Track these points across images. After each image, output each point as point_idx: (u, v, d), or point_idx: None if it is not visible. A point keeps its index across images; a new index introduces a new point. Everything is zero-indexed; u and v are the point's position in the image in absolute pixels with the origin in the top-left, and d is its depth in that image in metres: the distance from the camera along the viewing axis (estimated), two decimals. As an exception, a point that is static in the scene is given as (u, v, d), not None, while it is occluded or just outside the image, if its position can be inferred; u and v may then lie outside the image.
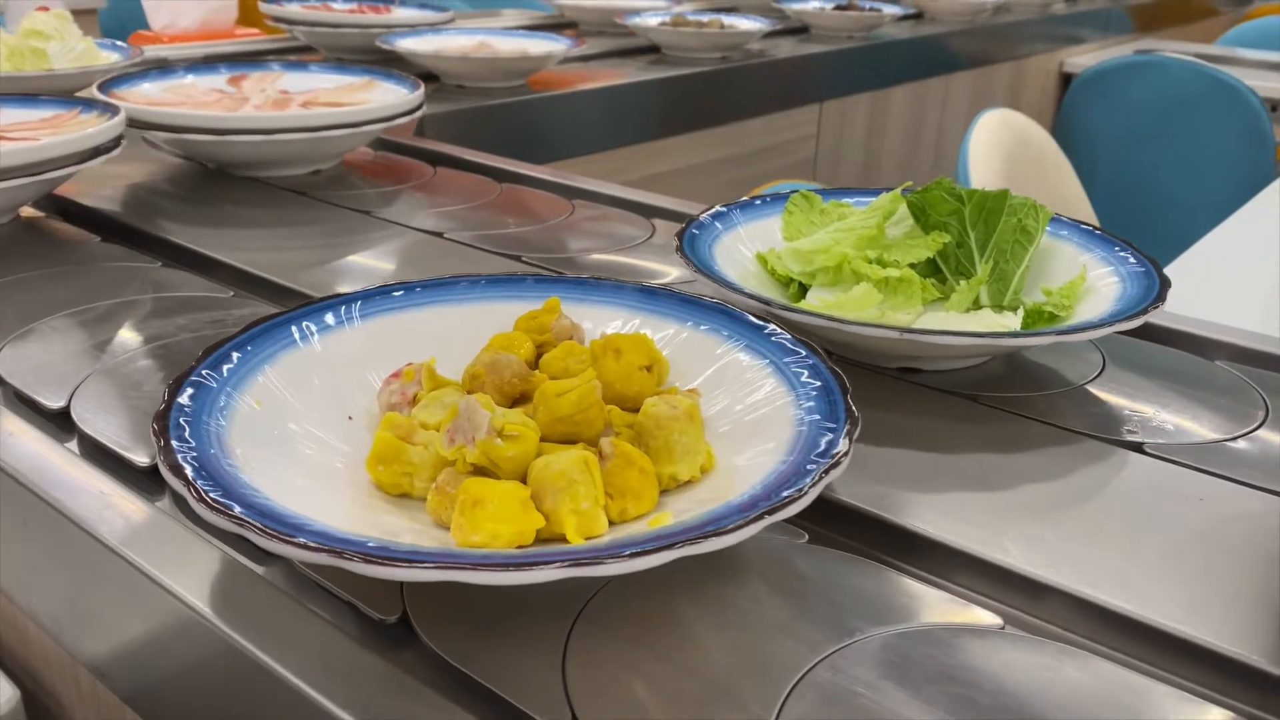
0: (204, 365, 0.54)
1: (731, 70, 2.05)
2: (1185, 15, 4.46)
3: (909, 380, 0.72)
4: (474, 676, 0.45)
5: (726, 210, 0.84)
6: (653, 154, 1.93)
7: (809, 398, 0.56)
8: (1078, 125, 3.05)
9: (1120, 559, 0.54)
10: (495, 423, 0.50)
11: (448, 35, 1.78)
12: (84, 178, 1.10)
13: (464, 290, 0.66)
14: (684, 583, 0.51)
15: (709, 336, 0.63)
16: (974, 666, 0.47)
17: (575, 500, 0.49)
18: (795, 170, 2.36)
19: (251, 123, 1.06)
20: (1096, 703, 0.45)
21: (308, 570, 0.52)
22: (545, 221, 1.07)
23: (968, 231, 0.78)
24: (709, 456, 0.54)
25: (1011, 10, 3.11)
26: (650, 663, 0.46)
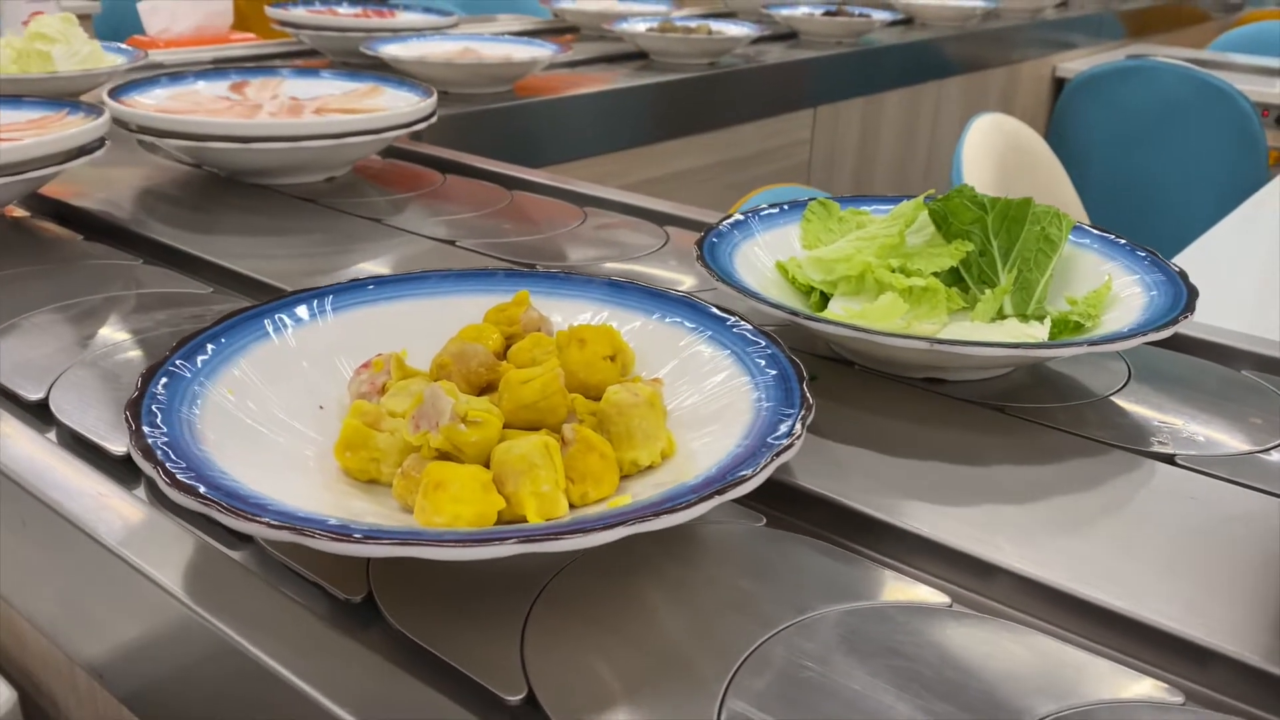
0: (177, 356, 0.56)
1: (725, 75, 2.06)
2: (1176, 21, 4.48)
3: (934, 391, 0.71)
4: (435, 653, 0.47)
5: (744, 218, 0.83)
6: (647, 159, 1.94)
7: (767, 385, 0.57)
8: (1071, 130, 3.06)
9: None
10: (459, 409, 0.51)
11: (433, 41, 1.78)
12: (90, 184, 1.11)
13: (435, 284, 0.67)
14: (644, 564, 0.53)
15: (674, 328, 0.64)
16: (921, 642, 0.48)
17: (536, 483, 0.50)
18: (789, 175, 2.37)
19: (275, 130, 1.06)
20: (1040, 677, 0.46)
21: (278, 554, 0.53)
22: (557, 229, 1.06)
23: (990, 240, 0.77)
24: (670, 442, 0.56)
25: (1001, 16, 3.12)
26: (606, 639, 0.48)
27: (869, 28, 2.40)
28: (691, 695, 0.45)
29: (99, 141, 0.95)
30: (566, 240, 1.03)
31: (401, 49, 1.69)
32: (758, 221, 0.83)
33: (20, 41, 1.43)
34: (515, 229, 1.05)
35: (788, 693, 0.45)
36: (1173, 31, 4.40)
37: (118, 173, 1.18)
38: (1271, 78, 3.38)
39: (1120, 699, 0.45)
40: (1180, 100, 2.84)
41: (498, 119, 1.65)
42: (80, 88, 1.45)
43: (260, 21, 4.11)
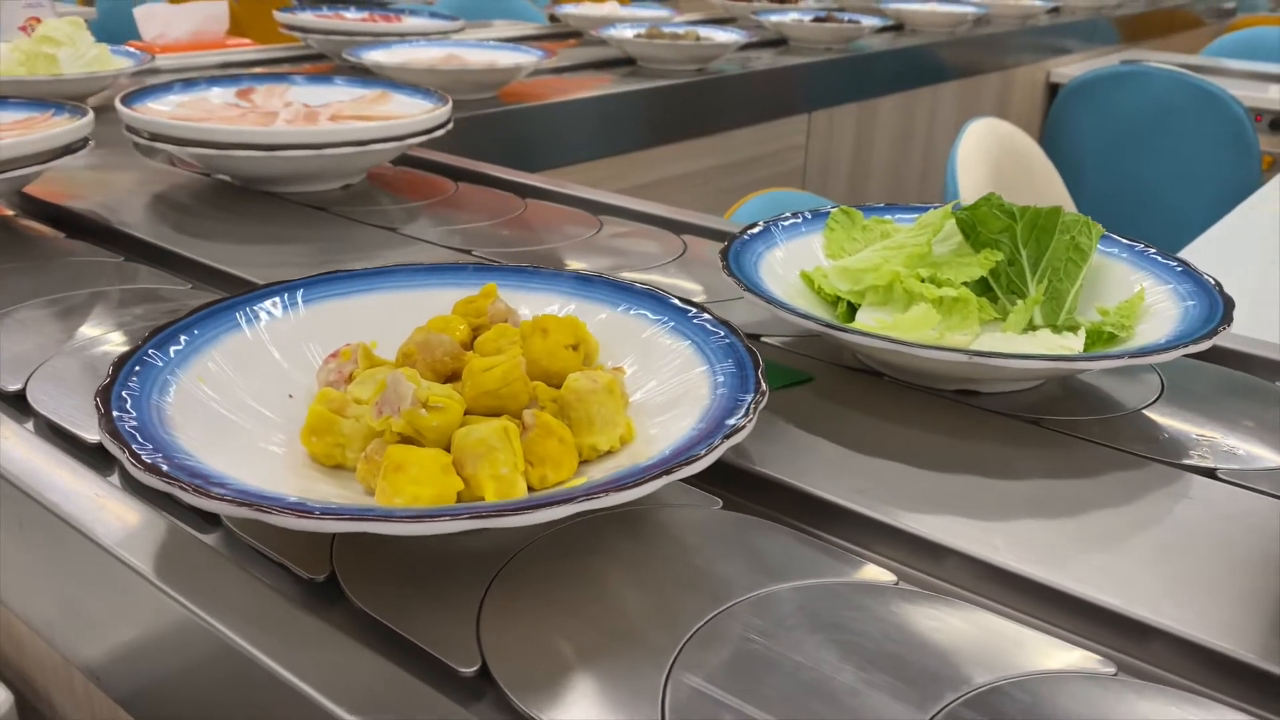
0: (150, 345, 0.57)
1: (720, 80, 2.07)
2: (1170, 26, 4.50)
3: (967, 403, 0.70)
4: (395, 629, 0.48)
5: (766, 227, 0.82)
6: (642, 164, 1.95)
7: (724, 374, 0.59)
8: (1065, 134, 3.07)
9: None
10: (420, 395, 0.53)
11: (419, 47, 1.79)
12: (99, 191, 1.11)
13: (407, 277, 0.69)
14: (602, 545, 0.54)
15: (638, 319, 0.66)
16: (867, 617, 0.49)
17: (494, 466, 0.52)
18: (784, 180, 2.39)
19: (299, 137, 1.05)
20: (980, 649, 0.48)
21: (246, 536, 0.55)
22: (573, 238, 1.05)
23: (1019, 249, 0.76)
24: (628, 428, 0.58)
25: (993, 22, 3.14)
26: (560, 616, 0.49)
27: (859, 34, 2.41)
28: (640, 667, 0.46)
29: (82, 141, 0.96)
30: (582, 249, 1.02)
31: (385, 55, 1.69)
32: (780, 231, 0.82)
33: (28, 44, 1.46)
34: (530, 238, 1.05)
35: (733, 664, 0.46)
36: (1166, 37, 4.42)
37: (123, 180, 1.19)
38: (1264, 83, 3.39)
39: (1052, 669, 0.47)
40: (1174, 105, 2.85)
41: (483, 125, 1.65)
42: (84, 90, 1.47)
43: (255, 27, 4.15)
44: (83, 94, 1.49)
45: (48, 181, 1.13)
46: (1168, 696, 0.46)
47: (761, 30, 2.48)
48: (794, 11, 2.63)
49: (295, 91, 1.26)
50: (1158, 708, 0.45)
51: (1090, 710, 0.45)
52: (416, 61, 1.69)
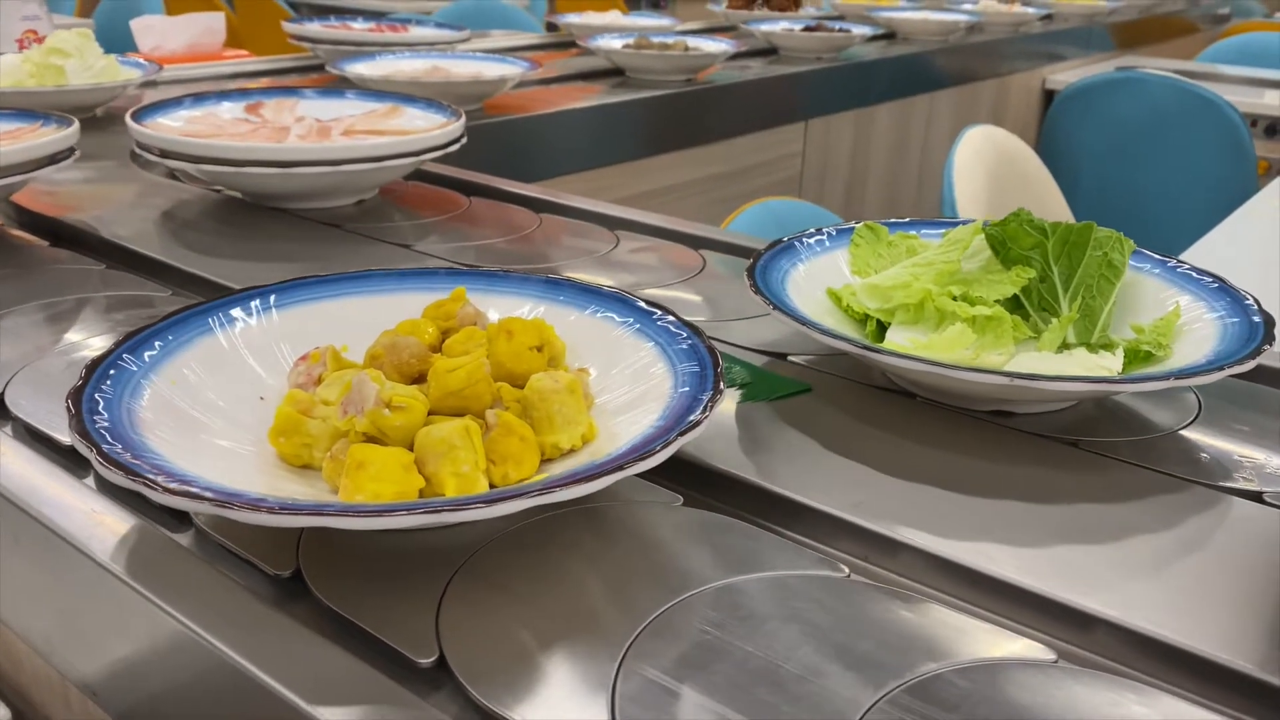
0: (123, 349, 0.59)
1: (716, 90, 2.08)
2: (1165, 33, 4.51)
3: (1002, 424, 0.69)
4: (356, 622, 0.50)
5: (790, 243, 0.81)
6: (638, 173, 1.96)
7: (686, 374, 0.60)
8: (1061, 141, 3.08)
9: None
10: (384, 395, 0.54)
11: (402, 59, 1.79)
12: (108, 209, 1.11)
13: (379, 282, 0.70)
14: (562, 540, 0.56)
15: (605, 321, 0.67)
16: (817, 609, 0.51)
17: (456, 464, 0.53)
18: (781, 188, 2.40)
19: (315, 154, 1.03)
20: (927, 640, 0.49)
21: (217, 536, 0.56)
22: (592, 254, 1.03)
23: (1051, 266, 0.75)
24: (590, 427, 0.59)
25: (985, 30, 3.15)
26: (517, 607, 0.51)
27: (849, 43, 2.42)
28: (594, 657, 0.47)
29: (67, 151, 0.98)
30: (600, 265, 1.01)
31: (367, 67, 1.69)
32: (804, 247, 0.81)
33: (38, 55, 1.48)
34: (546, 254, 1.04)
35: (684, 653, 0.48)
36: (1161, 43, 4.44)
37: (127, 195, 1.18)
38: (1259, 88, 3.40)
39: (995, 657, 0.48)
40: (1169, 111, 2.86)
41: (487, 134, 1.65)
42: (90, 101, 1.49)
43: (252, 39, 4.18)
44: (89, 105, 1.51)
45: (65, 196, 1.15)
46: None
47: (751, 40, 2.49)
48: (784, 21, 2.63)
49: (305, 105, 1.25)
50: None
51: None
52: (400, 74, 1.69)
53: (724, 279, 0.97)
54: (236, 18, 4.30)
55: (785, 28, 2.45)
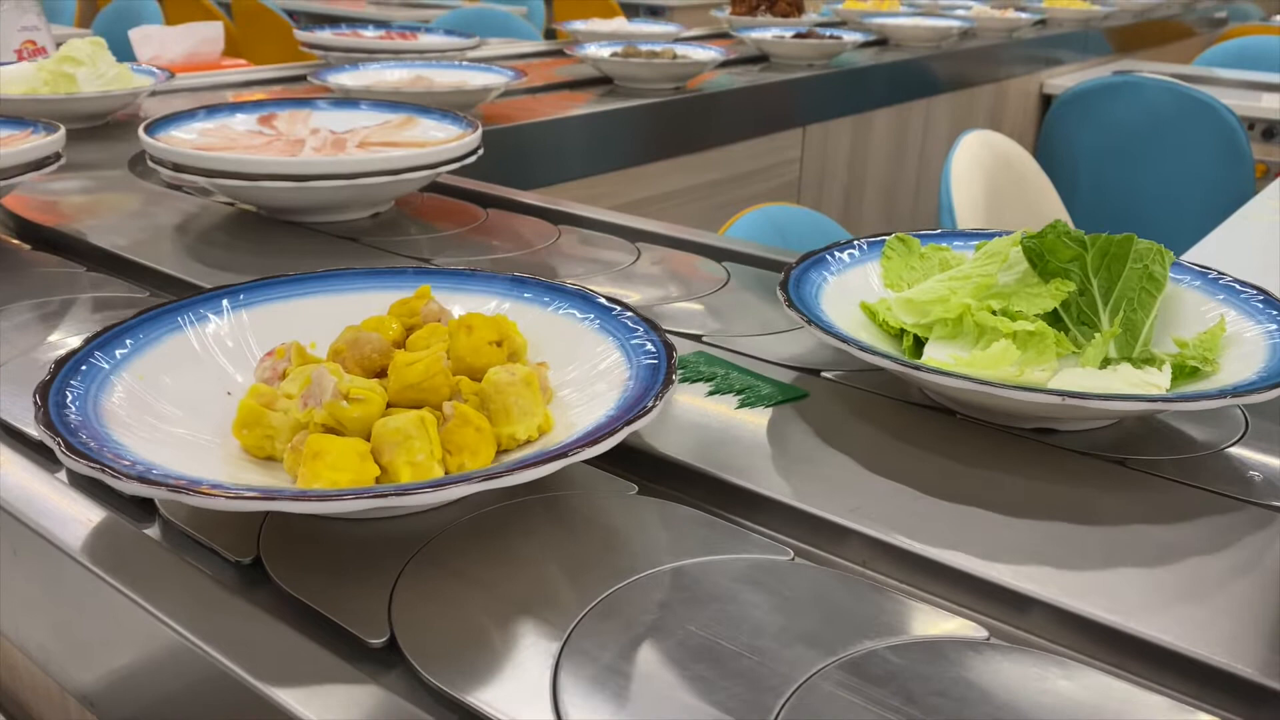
0: (93, 344, 0.61)
1: (713, 96, 2.09)
2: (1162, 37, 4.53)
3: (1045, 442, 0.67)
4: (311, 605, 0.51)
5: (821, 256, 0.80)
6: (636, 179, 1.97)
7: (642, 367, 0.62)
8: (1059, 145, 3.10)
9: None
10: (341, 387, 0.56)
11: (385, 69, 1.78)
12: (129, 226, 1.10)
13: (348, 280, 0.72)
14: (518, 527, 0.57)
15: (566, 318, 0.69)
16: (758, 590, 0.52)
17: (411, 453, 0.55)
18: (779, 194, 2.41)
19: (330, 167, 1.02)
20: (861, 617, 0.51)
21: (185, 527, 0.58)
22: (613, 268, 1.01)
23: (1090, 279, 0.73)
24: (547, 418, 0.61)
25: (979, 36, 3.16)
26: (469, 591, 0.52)
27: (840, 49, 2.43)
28: (541, 636, 0.49)
29: (53, 157, 1.00)
30: (623, 279, 0.99)
31: (350, 78, 1.68)
32: (834, 260, 0.80)
33: (52, 64, 1.51)
34: (567, 268, 1.02)
35: (626, 633, 0.49)
36: (1158, 47, 4.45)
37: (147, 207, 1.18)
38: (1257, 91, 3.41)
39: (929, 635, 0.50)
40: (1167, 115, 2.87)
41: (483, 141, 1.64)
42: (100, 109, 1.52)
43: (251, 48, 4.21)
44: (99, 112, 1.53)
45: (81, 212, 1.15)
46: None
47: (741, 47, 2.50)
48: (775, 28, 2.64)
49: (319, 117, 1.24)
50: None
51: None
52: (382, 84, 1.68)
53: (750, 292, 0.95)
54: (235, 27, 4.34)
55: (776, 34, 2.45)
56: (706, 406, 0.71)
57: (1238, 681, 0.48)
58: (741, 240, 1.09)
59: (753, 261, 1.04)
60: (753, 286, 0.97)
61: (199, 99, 1.78)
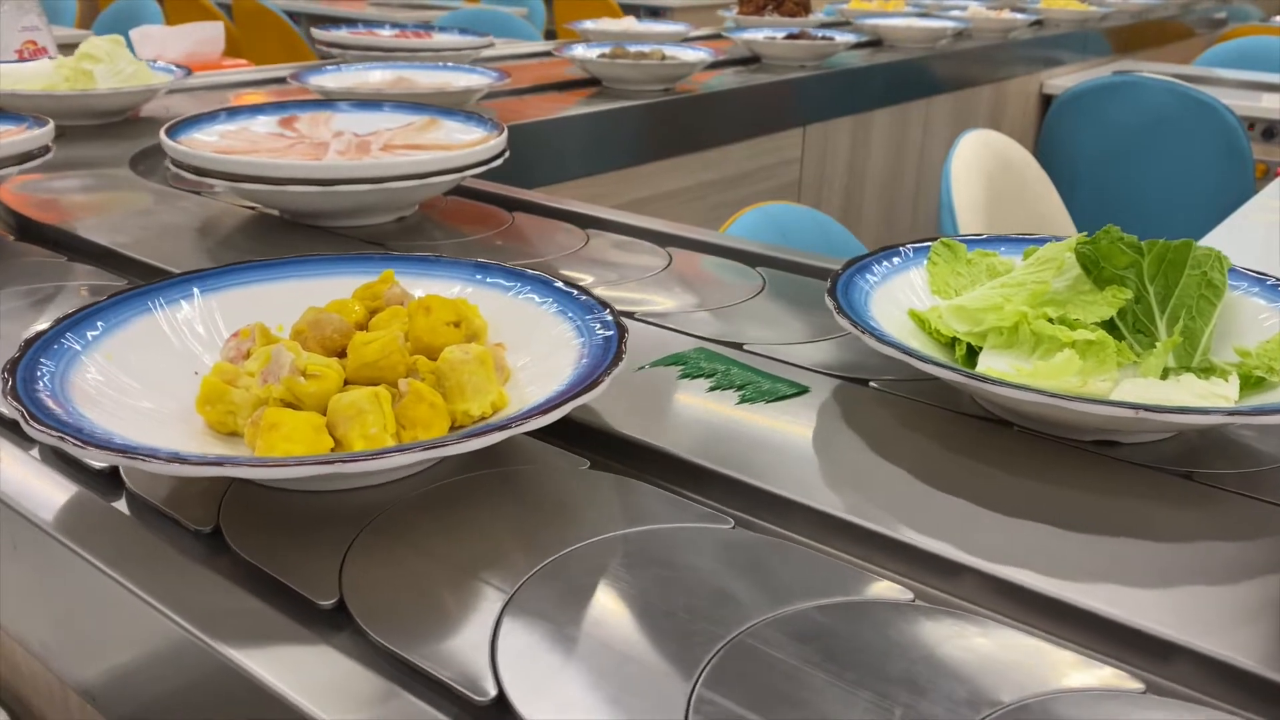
0: (64, 324, 0.63)
1: (712, 96, 2.09)
2: (1162, 37, 4.54)
3: (1108, 455, 0.65)
4: (267, 571, 0.54)
5: (865, 263, 0.78)
6: (635, 179, 1.98)
7: (595, 345, 0.64)
8: (1059, 145, 3.11)
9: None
10: (299, 364, 0.59)
11: (368, 70, 1.76)
12: (149, 233, 1.09)
13: (316, 265, 0.74)
14: (469, 499, 0.59)
15: (527, 302, 0.71)
16: (696, 556, 0.55)
17: (364, 427, 0.57)
18: (780, 193, 2.42)
19: (357, 171, 1.00)
20: (796, 581, 0.53)
21: (152, 500, 0.60)
22: (644, 273, 0.99)
23: (1146, 286, 0.72)
24: (501, 395, 0.63)
25: (974, 36, 3.17)
26: (419, 557, 0.54)
27: (832, 50, 2.44)
28: (485, 599, 0.51)
29: (42, 149, 1.02)
30: (654, 285, 0.96)
31: (330, 79, 1.66)
32: (878, 266, 0.79)
33: (72, 61, 1.54)
34: (598, 274, 0.99)
35: (568, 594, 0.52)
36: (1159, 47, 4.47)
37: (145, 206, 1.18)
38: (1257, 91, 3.42)
39: (854, 599, 0.52)
40: (1167, 115, 2.88)
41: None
42: (115, 105, 1.54)
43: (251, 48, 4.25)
44: (116, 109, 1.55)
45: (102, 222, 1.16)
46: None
47: (735, 48, 2.51)
48: (766, 29, 2.65)
49: (340, 119, 1.22)
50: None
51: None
52: (364, 86, 1.66)
53: (786, 299, 0.94)
54: (235, 27, 4.37)
55: (768, 35, 2.45)
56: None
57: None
58: (778, 247, 1.06)
59: (786, 267, 1.02)
60: (790, 293, 0.95)
61: (209, 98, 1.79)
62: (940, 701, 0.45)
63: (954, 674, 0.47)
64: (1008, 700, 0.46)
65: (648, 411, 0.70)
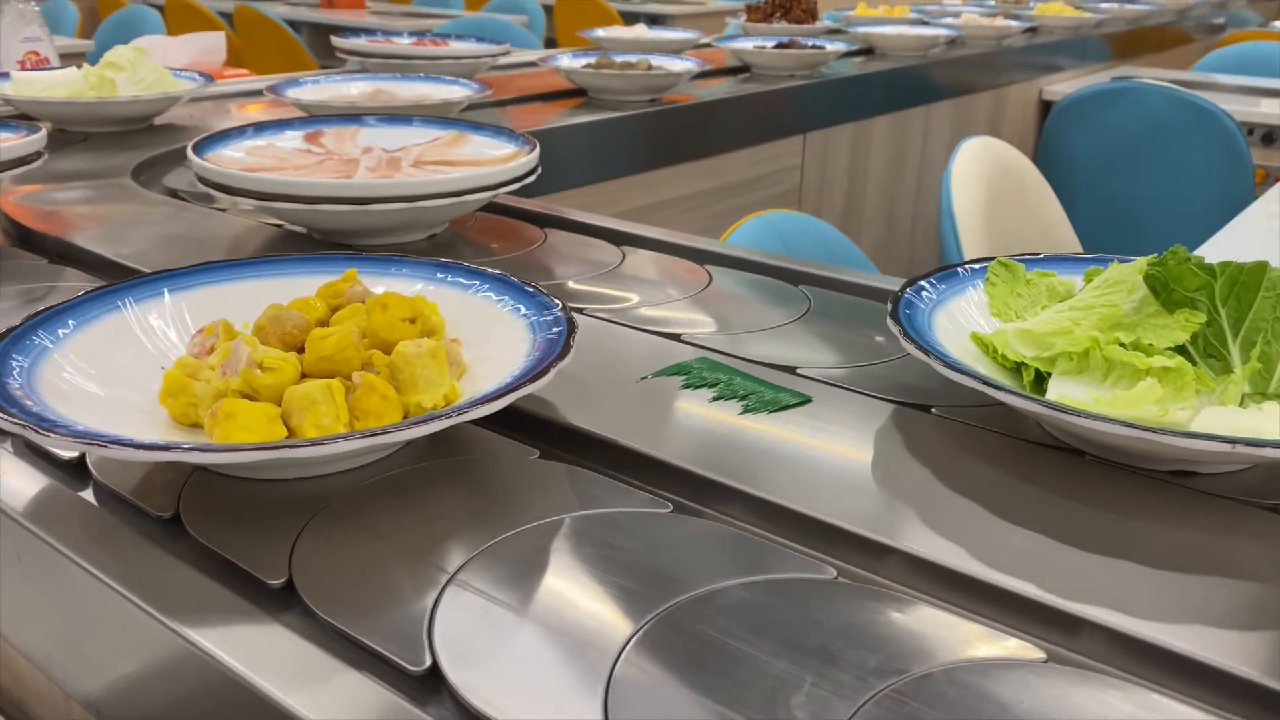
0: (33, 321, 0.66)
1: (712, 104, 2.11)
2: (1161, 43, 4.56)
3: (1185, 485, 0.63)
4: (221, 553, 0.56)
5: (925, 283, 0.77)
6: (635, 187, 1.99)
7: (545, 341, 0.67)
8: (1059, 151, 3.12)
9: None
10: (256, 357, 0.61)
11: (346, 82, 1.75)
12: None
13: (282, 266, 0.77)
14: (420, 487, 0.62)
15: (484, 300, 0.74)
16: (635, 538, 0.57)
17: (317, 417, 0.60)
18: (781, 201, 2.44)
19: (391, 189, 0.98)
20: (722, 559, 0.55)
21: (128, 496, 0.63)
22: (685, 293, 0.97)
23: (1218, 309, 0.69)
24: (453, 388, 0.65)
25: (967, 44, 3.17)
26: (367, 539, 0.57)
27: (822, 60, 2.45)
28: (426, 577, 0.54)
29: (34, 155, 1.05)
30: (695, 305, 0.94)
31: (304, 92, 1.65)
32: (932, 288, 0.77)
33: (97, 70, 1.57)
34: (640, 295, 0.96)
35: (506, 572, 0.54)
36: (1157, 53, 4.48)
37: (138, 217, 1.19)
38: (1256, 97, 3.43)
39: (774, 576, 0.54)
40: (1166, 121, 2.90)
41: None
42: (134, 113, 1.56)
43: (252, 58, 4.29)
44: (135, 116, 1.57)
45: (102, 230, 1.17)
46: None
47: (723, 56, 2.52)
48: (757, 38, 2.67)
49: (367, 134, 1.19)
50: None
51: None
52: (341, 98, 1.63)
53: (833, 319, 0.91)
54: (237, 37, 4.42)
55: (757, 45, 2.47)
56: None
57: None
58: (820, 264, 1.03)
59: (833, 285, 0.99)
60: (837, 313, 0.93)
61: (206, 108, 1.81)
62: (850, 670, 0.48)
63: (867, 646, 0.49)
64: (915, 670, 0.48)
65: (646, 417, 0.71)
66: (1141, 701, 0.47)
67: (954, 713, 0.45)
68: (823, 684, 0.47)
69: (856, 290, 0.98)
